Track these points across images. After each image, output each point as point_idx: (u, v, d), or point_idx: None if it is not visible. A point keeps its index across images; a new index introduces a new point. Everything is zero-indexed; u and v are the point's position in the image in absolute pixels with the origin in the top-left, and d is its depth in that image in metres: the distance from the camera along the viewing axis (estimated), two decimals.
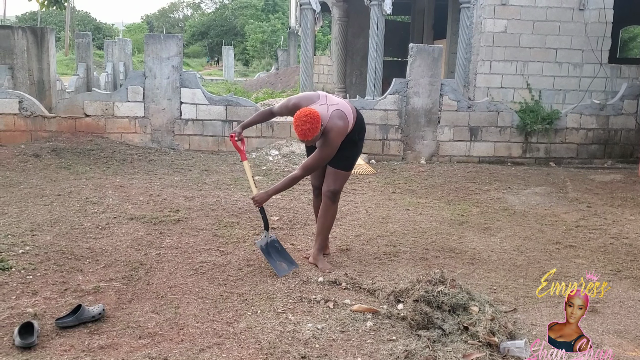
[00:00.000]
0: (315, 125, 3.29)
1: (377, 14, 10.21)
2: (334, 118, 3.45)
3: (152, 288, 3.35)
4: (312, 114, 3.30)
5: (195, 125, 7.87)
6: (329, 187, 3.73)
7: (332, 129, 3.42)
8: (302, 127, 3.29)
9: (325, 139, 3.44)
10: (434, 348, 2.63)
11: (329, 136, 3.43)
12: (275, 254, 3.72)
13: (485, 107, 8.23)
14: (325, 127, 3.42)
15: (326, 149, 3.46)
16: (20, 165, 6.56)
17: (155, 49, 7.68)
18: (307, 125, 3.28)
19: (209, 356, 2.58)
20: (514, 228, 5.00)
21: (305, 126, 3.29)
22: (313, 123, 3.29)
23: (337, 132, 3.45)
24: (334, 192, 3.74)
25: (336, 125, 3.44)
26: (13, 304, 3.02)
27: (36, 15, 33.64)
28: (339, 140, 3.47)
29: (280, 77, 20.63)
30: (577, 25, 9.65)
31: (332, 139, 3.43)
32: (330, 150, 3.47)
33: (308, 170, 3.56)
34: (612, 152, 8.62)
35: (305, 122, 3.29)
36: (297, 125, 3.30)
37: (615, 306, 3.36)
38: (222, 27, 45.88)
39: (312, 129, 3.29)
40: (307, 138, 3.33)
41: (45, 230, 4.31)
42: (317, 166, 3.55)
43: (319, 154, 3.48)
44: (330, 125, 3.43)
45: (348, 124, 3.52)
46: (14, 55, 9.05)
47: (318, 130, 3.32)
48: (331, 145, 3.45)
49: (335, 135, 3.43)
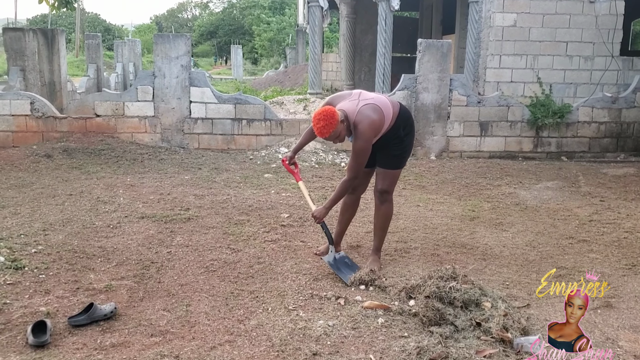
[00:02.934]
0: (330, 121, 3.23)
1: (385, 10, 10.17)
2: (363, 111, 3.37)
3: (163, 286, 3.36)
4: (325, 110, 3.26)
5: (205, 124, 7.89)
6: (377, 186, 3.68)
7: (361, 122, 3.34)
8: (316, 125, 3.27)
9: (356, 133, 3.37)
10: (447, 344, 2.61)
11: (358, 129, 3.35)
12: (345, 268, 3.61)
13: (496, 102, 8.16)
14: (354, 121, 3.36)
15: (357, 142, 3.37)
16: (32, 166, 6.62)
17: (164, 48, 7.71)
18: (321, 122, 3.24)
19: (220, 353, 2.59)
20: (526, 223, 4.95)
21: (320, 123, 3.25)
22: (327, 119, 3.24)
23: (368, 125, 3.35)
24: (382, 191, 3.66)
25: (366, 118, 3.35)
26: (26, 302, 3.05)
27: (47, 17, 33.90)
28: (370, 133, 3.37)
29: (289, 75, 20.61)
30: (587, 17, 9.54)
31: (361, 131, 3.34)
32: (362, 144, 3.36)
33: (352, 170, 3.46)
34: (625, 145, 8.51)
35: (319, 120, 3.25)
36: (314, 124, 3.29)
37: (631, 301, 3.31)
38: (230, 26, 45.98)
39: (327, 125, 3.24)
40: (324, 135, 3.28)
41: (58, 229, 4.34)
42: (358, 163, 3.43)
43: (353, 150, 3.41)
44: (359, 118, 3.35)
45: (383, 117, 3.41)
46: (25, 57, 9.13)
47: (334, 127, 3.25)
48: (362, 137, 3.35)
49: (365, 128, 3.34)
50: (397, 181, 3.83)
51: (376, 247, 3.80)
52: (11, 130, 7.53)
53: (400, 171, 3.72)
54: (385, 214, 3.73)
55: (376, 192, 3.70)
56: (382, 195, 3.68)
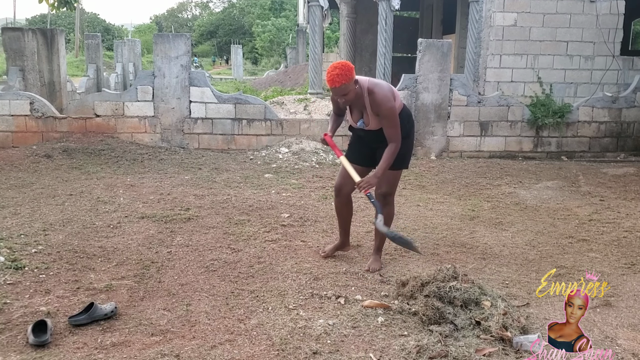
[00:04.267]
0: (346, 72, 3.16)
1: (385, 10, 10.17)
2: (374, 80, 3.38)
3: (163, 286, 3.36)
4: (345, 62, 3.21)
5: (205, 124, 7.89)
6: (381, 189, 3.59)
7: (375, 86, 3.31)
8: (332, 73, 3.17)
9: (374, 99, 3.30)
10: (446, 343, 2.62)
11: (375, 93, 3.29)
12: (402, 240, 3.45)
13: (496, 102, 8.16)
14: (368, 87, 3.31)
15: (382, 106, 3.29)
16: (32, 166, 6.62)
17: (164, 48, 7.71)
18: (338, 70, 3.16)
19: (220, 353, 2.59)
20: (525, 222, 4.96)
21: (335, 71, 3.16)
22: (344, 69, 3.16)
23: (386, 89, 3.33)
24: (385, 194, 3.61)
25: (380, 84, 3.34)
26: (26, 302, 3.05)
27: (46, 17, 33.92)
28: (389, 94, 3.31)
29: (289, 75, 20.61)
30: (588, 17, 9.54)
31: (380, 93, 3.29)
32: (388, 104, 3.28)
33: (396, 135, 3.35)
34: (625, 145, 8.51)
35: (336, 68, 3.17)
36: (329, 72, 3.19)
37: (630, 299, 3.32)
38: (230, 26, 46.02)
39: (342, 75, 3.15)
40: (335, 83, 3.17)
41: (58, 229, 4.34)
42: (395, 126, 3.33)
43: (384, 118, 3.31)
44: (373, 84, 3.32)
45: (393, 92, 3.39)
46: (25, 57, 9.13)
47: (349, 79, 3.17)
48: (384, 99, 3.28)
49: (382, 91, 3.30)
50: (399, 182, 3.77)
51: (377, 247, 3.79)
52: (11, 130, 7.53)
53: (401, 172, 3.67)
54: (388, 215, 3.69)
55: (379, 195, 3.63)
56: (384, 199, 3.62)
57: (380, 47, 10.25)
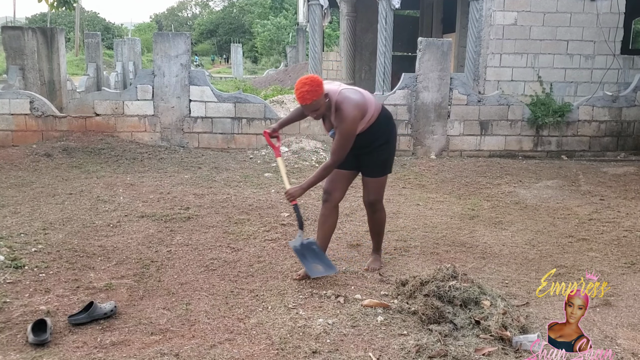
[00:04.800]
0: (315, 88, 3.04)
1: (385, 8, 10.16)
2: (345, 92, 3.20)
3: (163, 285, 3.37)
4: (312, 77, 3.10)
5: (205, 123, 7.89)
6: (368, 198, 3.57)
7: (343, 101, 3.16)
8: (301, 90, 3.05)
9: (340, 114, 3.16)
10: (446, 342, 2.62)
11: (342, 109, 3.15)
12: (312, 256, 3.42)
13: (496, 101, 8.16)
14: (336, 102, 3.17)
15: (344, 123, 3.15)
16: (32, 165, 6.62)
17: (163, 47, 7.71)
18: (307, 87, 3.04)
19: (220, 352, 2.59)
20: (525, 222, 4.96)
21: (305, 88, 3.04)
22: (312, 85, 3.04)
23: (353, 105, 3.16)
24: (373, 202, 3.57)
25: (349, 98, 3.17)
26: (26, 301, 3.05)
27: (46, 16, 33.88)
28: (355, 113, 3.16)
29: (289, 73, 20.60)
30: (588, 16, 9.53)
31: (346, 110, 3.14)
32: (349, 124, 3.14)
33: (337, 153, 3.22)
34: (625, 144, 8.50)
35: (305, 84, 3.05)
36: (297, 89, 3.07)
37: (629, 299, 3.32)
38: (230, 25, 46.00)
39: (312, 91, 3.04)
40: (305, 101, 3.07)
41: (58, 228, 4.34)
42: (343, 146, 3.20)
43: (339, 134, 3.17)
44: (342, 98, 3.17)
45: (366, 103, 3.24)
46: (25, 55, 9.12)
47: (318, 95, 3.06)
48: (348, 118, 3.14)
49: (350, 107, 3.14)
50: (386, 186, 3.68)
51: (376, 247, 3.80)
52: (11, 129, 7.53)
53: (386, 177, 3.58)
54: (379, 221, 3.68)
55: (366, 203, 3.61)
56: (373, 206, 3.59)
57: (380, 45, 10.24)
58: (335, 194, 3.53)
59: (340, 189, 3.53)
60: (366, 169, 3.49)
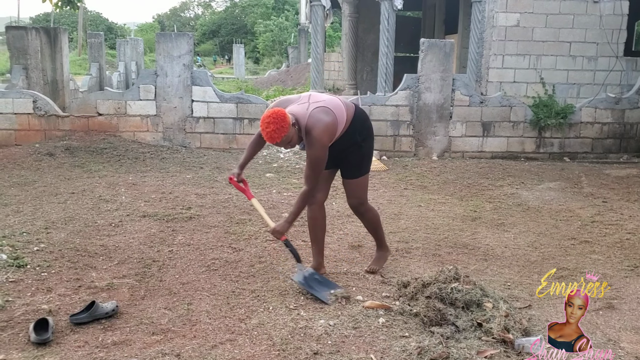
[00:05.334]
0: (282, 124, 2.89)
1: (387, 9, 10.15)
2: (316, 114, 3.06)
3: (164, 285, 3.36)
4: (275, 112, 2.91)
5: (207, 123, 7.89)
6: (350, 200, 3.49)
7: (314, 126, 3.02)
8: (266, 130, 2.90)
9: (310, 139, 3.05)
10: (448, 344, 2.61)
11: (312, 134, 3.03)
12: (318, 285, 3.30)
13: (498, 102, 8.15)
14: (306, 126, 3.04)
15: (312, 149, 3.05)
16: (35, 164, 6.63)
17: (166, 47, 7.71)
18: (272, 126, 2.88)
19: (221, 352, 2.59)
20: (527, 224, 4.95)
21: (269, 127, 2.89)
22: (278, 123, 2.89)
23: (323, 129, 3.03)
24: (356, 205, 3.49)
25: (319, 122, 3.03)
26: (28, 300, 3.05)
27: (49, 16, 33.97)
28: (325, 138, 3.05)
29: (291, 74, 20.61)
30: (591, 17, 9.51)
31: (316, 136, 3.02)
32: (318, 151, 3.05)
33: (309, 179, 3.17)
34: (628, 146, 8.49)
35: (269, 124, 2.89)
36: (263, 129, 2.92)
37: (633, 302, 3.30)
38: (232, 26, 46.03)
39: (278, 129, 2.89)
40: (275, 140, 2.93)
41: (60, 227, 4.35)
42: (315, 172, 3.13)
43: (308, 158, 3.11)
44: (312, 123, 3.03)
45: (336, 120, 3.12)
46: (28, 55, 9.13)
47: (286, 130, 2.92)
48: (317, 144, 3.03)
49: (319, 132, 3.02)
50: (368, 185, 3.54)
51: (379, 244, 3.72)
52: (14, 128, 7.54)
53: (366, 176, 3.44)
54: (372, 220, 3.60)
55: (352, 207, 3.54)
56: (358, 208, 3.51)
57: (382, 46, 10.23)
58: (319, 195, 3.44)
59: (323, 190, 3.46)
60: (344, 171, 3.42)
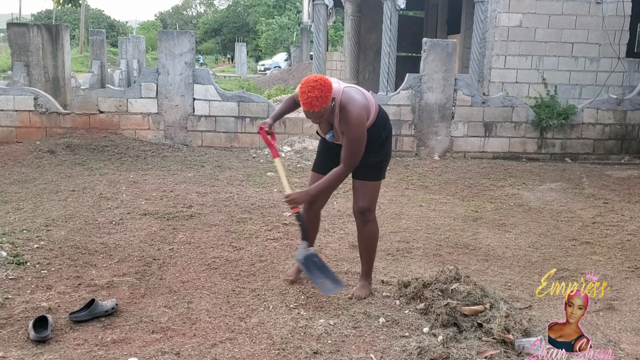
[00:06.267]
0: (326, 93, 2.70)
1: (390, 9, 10.14)
2: (349, 92, 2.87)
3: (165, 283, 3.36)
4: (322, 79, 2.73)
5: (208, 122, 7.88)
6: (357, 205, 3.10)
7: (349, 102, 2.82)
8: (309, 94, 2.68)
9: (346, 116, 2.83)
10: (448, 345, 2.60)
11: (348, 110, 2.81)
12: (316, 270, 3.10)
13: (500, 102, 8.13)
14: (340, 102, 2.83)
15: (352, 128, 2.81)
16: (36, 162, 6.63)
17: (168, 45, 7.71)
18: (316, 92, 2.68)
19: (221, 351, 2.58)
20: (529, 224, 4.94)
21: (313, 92, 2.68)
22: (323, 90, 2.69)
23: (359, 106, 2.83)
24: (364, 210, 3.10)
25: (353, 98, 2.85)
26: (28, 298, 3.05)
27: (51, 13, 33.98)
28: (364, 115, 2.84)
29: (293, 73, 20.61)
30: (594, 18, 9.50)
31: (354, 113, 2.81)
32: (359, 128, 2.82)
33: (351, 160, 2.89)
34: (630, 147, 8.47)
35: (314, 88, 2.68)
36: (304, 92, 2.70)
37: (633, 303, 3.29)
38: (234, 24, 46.05)
39: (321, 97, 2.69)
40: (313, 108, 2.71)
41: (60, 225, 4.34)
42: (356, 153, 2.87)
43: (349, 140, 2.84)
44: (346, 99, 2.83)
45: (368, 104, 2.91)
46: (30, 52, 9.13)
47: (328, 101, 2.72)
48: (354, 120, 2.80)
49: (357, 110, 2.81)
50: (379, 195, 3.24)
51: (365, 273, 3.27)
52: (15, 125, 7.54)
53: (380, 183, 3.14)
54: (370, 235, 3.19)
55: (356, 212, 3.13)
56: (364, 215, 3.11)
57: (384, 46, 10.22)
58: (318, 202, 3.25)
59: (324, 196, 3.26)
60: (359, 171, 3.05)
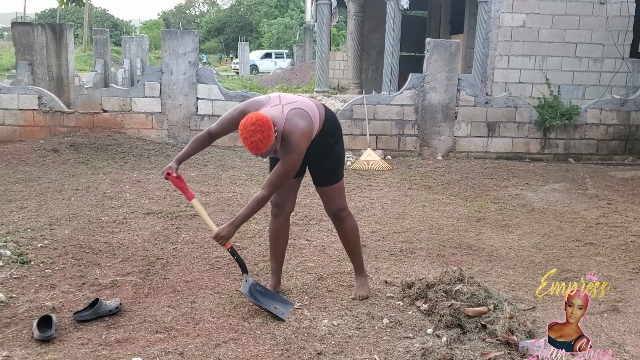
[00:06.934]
0: (267, 132, 2.60)
1: (393, 8, 10.14)
2: (292, 118, 2.76)
3: (168, 282, 3.36)
4: (260, 119, 2.60)
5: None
6: (329, 208, 3.16)
7: (292, 132, 2.73)
8: (251, 139, 2.59)
9: (287, 145, 2.74)
10: (452, 346, 2.60)
11: (290, 140, 2.73)
12: (263, 298, 3.02)
13: (503, 103, 8.12)
14: (283, 131, 2.74)
15: (290, 156, 2.75)
16: (39, 160, 6.64)
17: (171, 44, 7.72)
18: (258, 134, 2.58)
19: (224, 351, 2.58)
20: (532, 225, 4.93)
21: (256, 136, 2.58)
22: (264, 131, 2.59)
23: (301, 134, 2.74)
24: (337, 210, 3.15)
25: (297, 126, 2.74)
26: (32, 297, 3.06)
27: (55, 12, 34.03)
28: (304, 144, 2.77)
29: (296, 72, 20.60)
30: (597, 19, 9.48)
31: (295, 143, 2.73)
32: (295, 158, 2.76)
33: (274, 186, 2.84)
34: (633, 148, 8.44)
35: (255, 132, 2.58)
36: (246, 138, 2.60)
37: (638, 305, 3.28)
38: (237, 23, 46.06)
39: (264, 138, 2.60)
40: (261, 151, 2.64)
41: (64, 224, 4.35)
42: (283, 180, 2.84)
43: (283, 165, 2.77)
44: (290, 127, 2.73)
45: (312, 124, 2.82)
46: (34, 51, 9.16)
47: (272, 139, 2.63)
48: (295, 151, 2.74)
49: (298, 138, 2.73)
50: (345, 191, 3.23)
51: (358, 269, 3.30)
52: (19, 124, 7.56)
53: (343, 181, 3.15)
54: (350, 231, 3.21)
55: (330, 214, 3.19)
56: (338, 215, 3.15)
57: (387, 46, 10.22)
58: (287, 207, 3.21)
59: (292, 201, 3.22)
60: (320, 178, 3.10)
